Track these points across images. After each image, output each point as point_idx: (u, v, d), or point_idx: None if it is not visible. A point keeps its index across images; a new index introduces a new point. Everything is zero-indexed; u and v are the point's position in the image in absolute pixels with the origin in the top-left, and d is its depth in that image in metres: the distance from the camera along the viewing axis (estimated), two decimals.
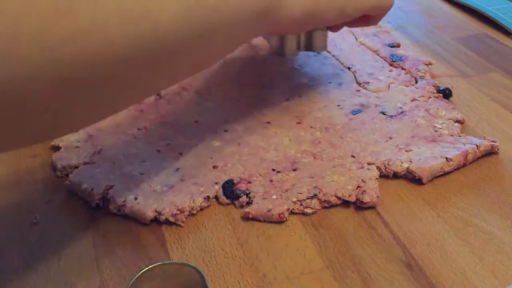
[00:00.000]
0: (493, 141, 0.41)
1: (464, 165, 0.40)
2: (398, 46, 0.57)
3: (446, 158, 0.39)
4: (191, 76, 0.42)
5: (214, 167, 0.40)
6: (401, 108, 0.46)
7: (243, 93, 0.49)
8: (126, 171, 0.39)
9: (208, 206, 0.37)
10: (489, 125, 0.44)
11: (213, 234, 0.35)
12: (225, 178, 0.39)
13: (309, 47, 0.50)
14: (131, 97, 0.31)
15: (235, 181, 0.38)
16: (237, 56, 0.54)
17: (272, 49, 0.51)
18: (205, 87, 0.50)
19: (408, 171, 0.38)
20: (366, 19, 0.44)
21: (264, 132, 0.44)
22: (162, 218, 0.36)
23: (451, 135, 0.42)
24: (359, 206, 0.37)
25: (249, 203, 0.37)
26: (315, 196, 0.37)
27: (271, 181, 0.38)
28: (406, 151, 0.40)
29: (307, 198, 0.37)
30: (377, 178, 0.38)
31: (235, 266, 0.33)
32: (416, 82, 0.50)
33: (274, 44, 0.50)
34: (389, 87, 0.49)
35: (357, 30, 0.60)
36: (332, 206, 0.37)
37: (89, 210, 0.38)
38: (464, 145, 0.40)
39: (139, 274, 0.28)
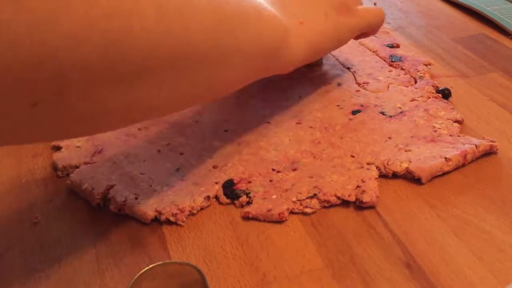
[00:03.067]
0: (492, 141, 0.41)
1: (463, 165, 0.40)
2: (397, 46, 0.57)
3: (445, 158, 0.39)
4: (201, 103, 0.42)
5: (214, 167, 0.40)
6: (400, 108, 0.46)
7: (243, 93, 0.49)
8: (127, 171, 0.40)
9: (208, 205, 0.38)
10: (488, 125, 0.45)
11: (213, 233, 0.35)
12: (225, 178, 0.39)
13: None
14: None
15: (235, 181, 0.38)
16: None
17: None
18: None
19: (408, 171, 0.39)
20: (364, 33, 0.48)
21: (264, 132, 0.44)
22: (163, 217, 0.36)
23: (450, 135, 0.42)
24: (359, 205, 0.37)
25: (249, 203, 0.37)
26: (314, 195, 0.37)
27: (271, 181, 0.38)
28: (405, 151, 0.40)
29: (307, 198, 0.37)
30: (376, 178, 0.38)
31: (235, 265, 0.33)
32: (416, 82, 0.50)
33: None
34: (388, 88, 0.49)
35: None
36: (332, 205, 0.37)
37: (89, 209, 0.38)
38: (463, 145, 0.40)
39: (139, 273, 0.28)
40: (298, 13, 0.40)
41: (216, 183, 0.39)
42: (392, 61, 0.53)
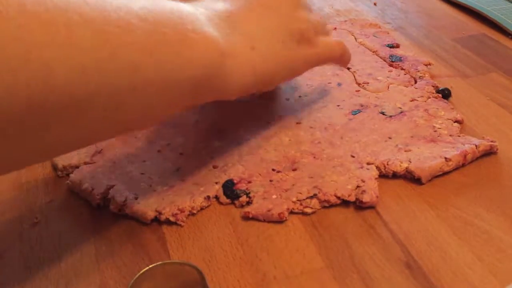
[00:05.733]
0: (492, 141, 0.41)
1: (463, 165, 0.40)
2: (397, 46, 0.57)
3: (445, 158, 0.39)
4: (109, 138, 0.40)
5: (214, 167, 0.40)
6: (400, 108, 0.46)
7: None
8: (127, 171, 0.40)
9: (208, 206, 0.38)
10: (488, 125, 0.44)
11: (213, 233, 0.35)
12: (225, 178, 0.39)
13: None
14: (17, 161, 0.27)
15: (235, 181, 0.38)
16: None
17: None
18: None
19: (408, 171, 0.39)
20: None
21: (264, 132, 0.44)
22: (163, 217, 0.36)
23: (450, 135, 0.42)
24: (359, 205, 0.37)
25: (249, 203, 0.37)
26: (314, 196, 0.37)
27: (271, 181, 0.38)
28: (405, 151, 0.40)
29: (307, 198, 0.37)
30: (376, 178, 0.38)
31: (235, 265, 0.33)
32: (416, 82, 0.50)
33: None
34: (388, 88, 0.49)
35: (357, 30, 0.60)
36: (332, 205, 0.37)
37: (89, 209, 0.38)
38: (463, 145, 0.40)
39: (139, 273, 0.28)
40: (252, 36, 0.36)
41: (216, 183, 0.39)
42: (392, 61, 0.53)
